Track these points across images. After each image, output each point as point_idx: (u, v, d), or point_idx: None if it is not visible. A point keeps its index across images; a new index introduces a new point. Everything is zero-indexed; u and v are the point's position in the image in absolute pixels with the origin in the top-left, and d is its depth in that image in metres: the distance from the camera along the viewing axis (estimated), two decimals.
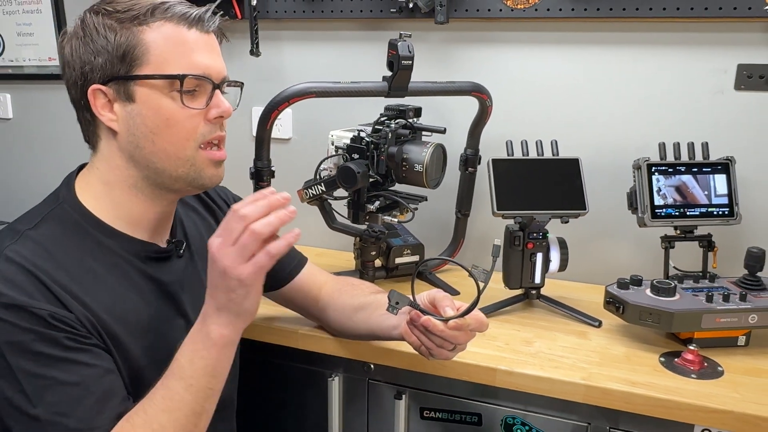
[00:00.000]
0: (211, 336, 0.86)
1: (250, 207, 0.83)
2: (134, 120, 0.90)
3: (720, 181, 1.35)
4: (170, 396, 0.85)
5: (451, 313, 0.95)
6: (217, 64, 0.93)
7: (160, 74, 0.88)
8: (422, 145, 1.35)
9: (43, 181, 2.10)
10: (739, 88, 1.42)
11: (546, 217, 1.32)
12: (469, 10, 1.53)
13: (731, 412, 1.03)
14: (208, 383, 0.87)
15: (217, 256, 0.83)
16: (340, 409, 1.30)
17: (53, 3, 2.00)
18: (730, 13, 1.35)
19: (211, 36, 0.94)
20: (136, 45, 0.87)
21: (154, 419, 0.84)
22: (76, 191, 0.94)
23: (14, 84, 2.15)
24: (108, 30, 0.88)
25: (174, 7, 0.90)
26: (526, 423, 1.19)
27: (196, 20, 0.91)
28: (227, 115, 0.94)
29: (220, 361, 0.87)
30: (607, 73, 1.51)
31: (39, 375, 0.80)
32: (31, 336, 0.80)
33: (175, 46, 0.89)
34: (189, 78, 0.89)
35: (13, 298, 0.80)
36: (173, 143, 0.91)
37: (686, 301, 1.21)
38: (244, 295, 0.84)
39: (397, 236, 1.57)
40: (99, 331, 0.87)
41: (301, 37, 1.75)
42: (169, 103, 0.89)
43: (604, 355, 1.21)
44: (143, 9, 0.88)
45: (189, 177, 0.93)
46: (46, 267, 0.84)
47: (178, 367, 0.87)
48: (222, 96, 0.94)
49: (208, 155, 0.94)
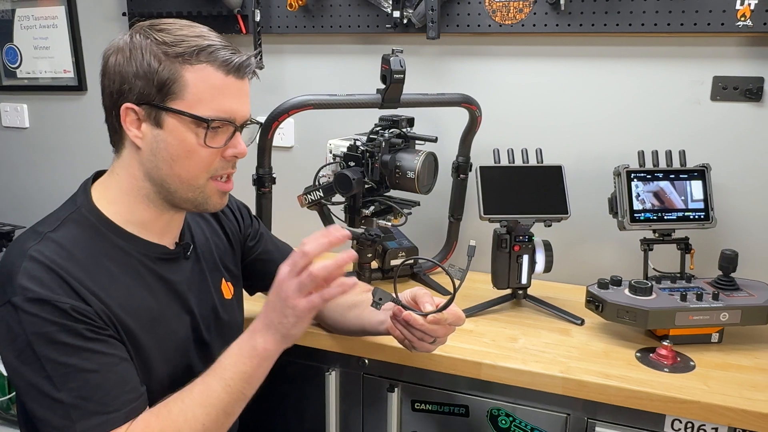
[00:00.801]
0: (256, 347, 0.96)
1: (313, 244, 0.94)
2: (158, 144, 0.97)
3: (696, 187, 1.42)
4: (208, 393, 0.94)
5: (430, 309, 1.03)
6: (243, 109, 1.00)
7: (190, 113, 0.95)
8: (414, 153, 1.43)
9: (58, 187, 2.21)
10: (714, 98, 1.49)
11: (530, 220, 1.39)
12: (460, 26, 1.61)
13: (698, 402, 1.10)
14: (243, 388, 0.96)
15: (282, 285, 0.95)
16: (336, 401, 1.37)
17: (68, 18, 2.09)
18: (704, 29, 1.42)
19: (245, 81, 1.00)
20: (176, 80, 0.94)
21: (189, 410, 0.93)
22: (92, 196, 1.02)
23: (31, 95, 2.25)
24: (153, 58, 0.94)
25: (218, 52, 0.96)
26: (510, 414, 1.26)
27: (235, 68, 0.97)
28: (242, 156, 1.02)
29: (258, 371, 0.97)
30: (590, 84, 1.59)
31: (62, 363, 0.88)
32: (55, 327, 0.88)
33: (210, 90, 0.96)
34: (215, 121, 0.96)
35: (39, 293, 0.89)
36: (189, 172, 0.99)
37: (662, 299, 1.28)
38: (294, 323, 0.95)
39: (392, 239, 1.64)
40: (114, 324, 0.95)
41: (302, 50, 1.84)
42: (193, 138, 0.96)
43: (584, 351, 1.28)
44: (190, 48, 0.94)
45: (196, 201, 1.02)
46: (67, 265, 0.93)
47: (220, 368, 0.96)
48: (241, 138, 1.01)
49: (217, 186, 1.02)
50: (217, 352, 1.13)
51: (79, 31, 2.10)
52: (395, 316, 1.06)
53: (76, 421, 0.88)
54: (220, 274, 1.19)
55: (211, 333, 1.14)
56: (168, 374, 1.04)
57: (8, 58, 2.23)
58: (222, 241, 1.21)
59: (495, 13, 1.58)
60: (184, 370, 1.07)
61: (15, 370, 0.90)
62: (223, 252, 1.21)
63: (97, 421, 0.89)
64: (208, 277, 1.15)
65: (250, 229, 1.28)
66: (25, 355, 0.88)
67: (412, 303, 1.07)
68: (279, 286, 0.96)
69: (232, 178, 1.05)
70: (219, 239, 1.21)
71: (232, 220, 1.25)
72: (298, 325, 0.96)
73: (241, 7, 1.78)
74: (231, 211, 1.26)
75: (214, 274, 1.17)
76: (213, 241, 1.19)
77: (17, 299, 0.88)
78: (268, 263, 1.29)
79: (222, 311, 1.16)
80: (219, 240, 1.21)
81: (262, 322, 0.97)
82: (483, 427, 1.28)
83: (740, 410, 1.08)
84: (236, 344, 0.98)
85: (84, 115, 2.15)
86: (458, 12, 1.60)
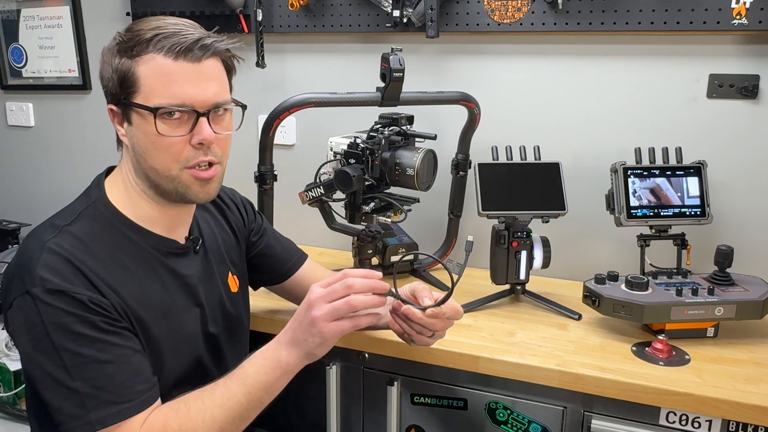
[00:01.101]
0: (280, 360, 0.98)
1: (358, 281, 0.96)
2: (132, 139, 1.00)
3: (692, 183, 1.44)
4: (229, 396, 0.96)
5: (428, 303, 1.06)
6: (203, 93, 0.97)
7: (144, 105, 0.96)
8: (414, 151, 1.45)
9: (63, 185, 2.24)
10: (710, 96, 1.51)
11: (528, 217, 1.41)
12: (459, 25, 1.63)
13: (692, 395, 1.12)
14: (261, 397, 0.98)
15: (314, 306, 0.96)
16: (337, 395, 1.39)
17: (73, 18, 2.12)
18: (700, 27, 1.44)
19: (204, 64, 0.97)
20: (130, 75, 0.96)
21: (208, 410, 0.95)
22: (106, 192, 1.05)
23: (36, 94, 2.27)
24: (114, 57, 0.97)
25: (165, 39, 0.95)
26: (508, 407, 1.28)
27: (183, 52, 0.95)
28: (207, 142, 0.98)
29: (279, 382, 0.99)
30: (587, 82, 1.61)
31: (78, 353, 0.91)
32: (72, 318, 0.91)
33: (160, 78, 0.95)
34: (164, 109, 0.95)
35: (58, 284, 0.91)
36: (160, 164, 1.00)
37: (657, 294, 1.30)
38: (319, 343, 0.97)
39: (392, 236, 1.66)
40: (128, 316, 0.98)
41: (304, 49, 1.86)
42: (152, 129, 0.96)
43: (580, 345, 1.30)
44: (140, 41, 0.95)
45: (177, 192, 1.02)
46: (84, 258, 0.95)
47: (243, 374, 0.98)
48: (206, 124, 0.98)
49: (193, 174, 1.00)
50: (225, 345, 1.16)
51: (84, 30, 2.12)
52: (395, 310, 1.08)
53: (90, 410, 0.90)
54: (227, 268, 1.21)
55: (219, 326, 1.16)
56: (178, 366, 1.06)
57: (14, 58, 2.25)
58: (228, 235, 1.24)
59: (494, 12, 1.60)
60: (193, 363, 1.10)
61: (32, 359, 0.93)
62: (230, 246, 1.23)
63: (110, 411, 0.91)
64: (216, 270, 1.18)
65: (253, 224, 1.31)
66: (42, 345, 0.91)
67: (411, 297, 1.09)
68: (311, 306, 0.96)
69: (215, 167, 1.02)
70: (225, 234, 1.23)
71: (237, 215, 1.27)
72: (323, 347, 0.98)
73: (243, 6, 1.80)
74: (236, 206, 1.28)
75: (221, 268, 1.19)
76: (220, 236, 1.22)
77: (36, 290, 0.91)
78: (271, 258, 1.31)
79: (229, 304, 1.19)
80: (225, 234, 1.23)
81: (289, 337, 0.99)
82: (481, 420, 1.30)
83: (733, 402, 1.10)
84: (261, 353, 1.00)
85: (88, 114, 2.17)
86: (457, 11, 1.62)
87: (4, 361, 1.75)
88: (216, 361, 1.14)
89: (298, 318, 0.98)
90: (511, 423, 1.28)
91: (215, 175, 1.03)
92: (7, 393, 1.75)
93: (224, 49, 1.00)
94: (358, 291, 0.96)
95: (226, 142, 1.04)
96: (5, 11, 2.21)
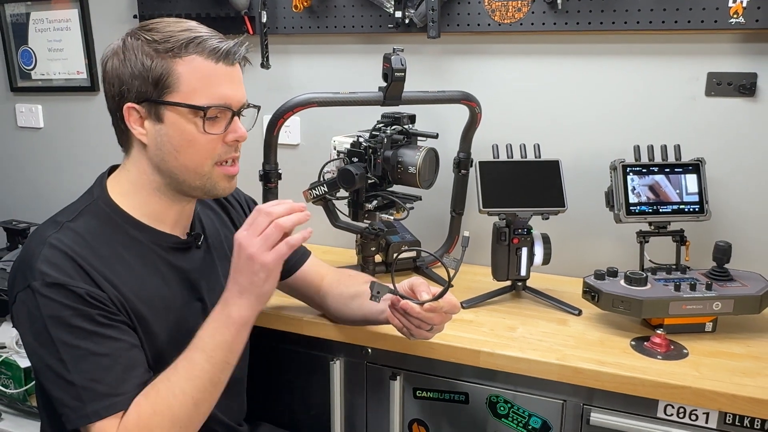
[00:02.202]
0: (232, 316, 1.00)
1: (276, 206, 0.99)
2: (162, 138, 1.02)
3: (691, 180, 1.45)
4: (191, 366, 0.98)
5: (426, 297, 1.08)
6: (237, 94, 1.04)
7: (186, 103, 1.00)
8: (416, 149, 1.47)
9: (71, 185, 2.26)
10: (709, 94, 1.53)
11: (528, 214, 1.43)
12: (460, 25, 1.65)
13: (689, 387, 1.14)
14: (225, 357, 1.00)
15: (244, 244, 0.99)
16: (341, 389, 1.41)
17: (81, 21, 2.15)
18: (698, 26, 1.46)
19: (236, 67, 1.04)
20: (169, 74, 0.99)
21: (176, 385, 0.97)
22: (107, 189, 1.07)
23: (45, 96, 2.30)
24: (145, 57, 0.99)
25: (206, 42, 1.00)
26: (509, 401, 1.30)
27: (224, 55, 1.01)
28: (242, 139, 1.06)
29: (238, 338, 1.01)
30: (587, 81, 1.63)
31: (75, 346, 0.93)
32: (70, 311, 0.93)
33: (203, 79, 1.00)
34: (211, 108, 1.01)
35: (56, 277, 0.94)
36: (193, 161, 1.03)
37: (656, 290, 1.32)
38: (265, 278, 0.99)
39: (395, 234, 1.69)
40: (127, 310, 1.00)
41: (307, 50, 1.88)
42: (193, 127, 1.01)
43: (580, 339, 1.32)
44: (179, 42, 0.99)
45: (205, 188, 1.07)
46: (84, 253, 0.98)
47: (200, 341, 1.00)
48: (239, 122, 1.05)
49: (223, 171, 1.07)
50: None
51: (92, 33, 2.16)
52: (393, 305, 1.10)
53: (86, 403, 0.93)
54: (229, 264, 1.23)
55: None
56: None
57: (23, 60, 2.29)
58: (231, 232, 1.25)
59: (494, 13, 1.62)
60: None
61: (33, 351, 0.96)
62: (232, 242, 1.25)
63: (106, 403, 0.93)
64: (218, 266, 1.20)
65: None
66: (42, 337, 0.94)
67: (410, 292, 1.11)
68: (241, 248, 0.99)
69: (237, 162, 1.09)
70: (228, 230, 1.26)
71: (241, 213, 1.30)
72: (269, 281, 1.00)
73: (248, 8, 1.82)
74: (239, 204, 1.31)
75: (223, 264, 1.21)
76: (222, 232, 1.24)
77: (36, 284, 0.94)
78: None
79: None
80: (228, 231, 1.25)
81: (233, 291, 1.00)
82: (482, 413, 1.32)
83: (730, 395, 1.11)
84: (211, 317, 1.02)
85: (96, 115, 2.20)
86: (458, 12, 1.64)
87: (15, 358, 1.78)
88: None
89: (236, 267, 1.00)
90: (512, 416, 1.30)
91: (238, 171, 1.10)
92: (17, 390, 1.78)
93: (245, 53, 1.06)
94: (281, 214, 0.98)
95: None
96: (15, 14, 2.25)
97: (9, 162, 2.44)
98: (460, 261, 1.07)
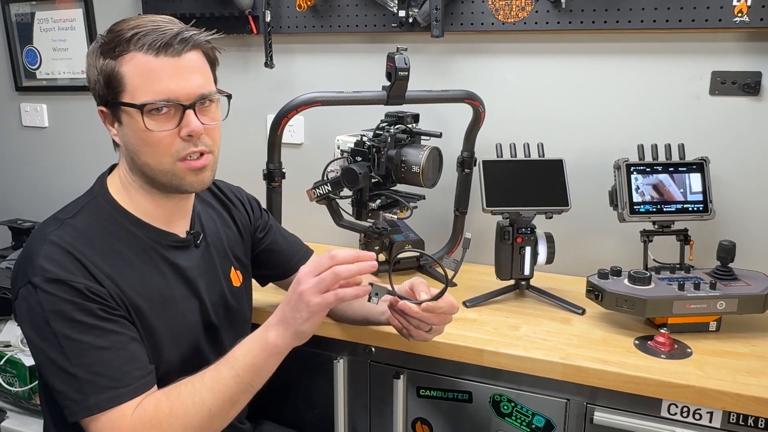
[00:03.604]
0: (268, 341, 1.00)
1: (342, 252, 0.98)
2: (124, 138, 1.03)
3: (695, 179, 1.45)
4: (218, 379, 0.98)
5: (424, 297, 1.08)
6: (186, 86, 0.99)
7: (130, 103, 0.99)
8: (419, 148, 1.47)
9: (76, 184, 2.25)
10: (713, 93, 1.52)
11: (531, 213, 1.43)
12: (464, 24, 1.65)
13: (693, 386, 1.14)
14: (251, 379, 1.00)
15: (300, 281, 0.99)
16: (345, 388, 1.42)
17: (86, 20, 2.16)
18: (702, 25, 1.45)
19: (184, 57, 0.99)
20: (115, 75, 0.98)
21: (198, 393, 0.97)
22: (108, 187, 1.08)
23: (50, 95, 2.32)
24: (98, 59, 1.00)
25: (145, 36, 0.97)
26: (512, 400, 1.30)
27: (164, 47, 0.97)
28: (195, 134, 1.01)
29: (268, 363, 1.01)
30: (591, 80, 1.62)
31: (76, 339, 0.94)
32: (71, 306, 0.94)
33: (143, 75, 0.98)
34: (150, 105, 0.98)
35: (57, 273, 0.95)
36: (152, 158, 1.02)
37: (660, 289, 1.32)
38: (306, 318, 0.98)
39: (399, 233, 1.69)
40: (126, 305, 1.01)
41: (311, 50, 1.88)
42: (142, 125, 0.99)
43: (583, 338, 1.31)
44: (121, 41, 0.98)
45: (173, 184, 1.05)
46: (83, 249, 0.99)
47: (232, 357, 1.00)
48: (193, 116, 1.00)
49: (186, 165, 1.03)
50: (225, 336, 1.18)
51: (96, 32, 2.15)
52: (392, 306, 1.11)
53: (89, 395, 0.94)
54: (230, 263, 1.24)
55: (220, 318, 1.19)
56: (177, 354, 1.09)
57: (28, 60, 2.30)
58: (233, 231, 1.27)
59: (498, 12, 1.62)
60: (192, 352, 1.12)
61: (35, 345, 0.97)
62: (233, 242, 1.26)
63: (108, 395, 0.94)
64: (218, 265, 1.20)
65: (259, 221, 1.33)
66: (44, 332, 0.95)
67: (410, 293, 1.11)
68: (298, 282, 0.99)
69: (206, 156, 1.04)
70: (229, 230, 1.26)
71: (243, 213, 1.30)
72: (310, 321, 0.99)
73: (252, 8, 1.83)
74: (241, 204, 1.31)
75: (223, 263, 1.22)
76: (223, 232, 1.24)
77: (37, 279, 0.95)
78: (277, 254, 1.34)
79: (230, 298, 1.22)
80: (230, 231, 1.26)
81: (276, 317, 1.01)
82: (486, 412, 1.32)
83: (734, 394, 1.11)
84: (250, 337, 1.02)
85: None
86: (462, 11, 1.64)
87: (20, 356, 1.79)
88: (216, 352, 1.16)
89: (287, 298, 1.01)
90: (516, 415, 1.30)
91: (207, 164, 1.06)
92: (22, 388, 1.79)
93: (204, 40, 1.02)
94: (343, 262, 0.97)
95: (215, 131, 1.06)
96: (20, 14, 2.26)
97: (14, 161, 2.46)
98: (460, 263, 1.07)
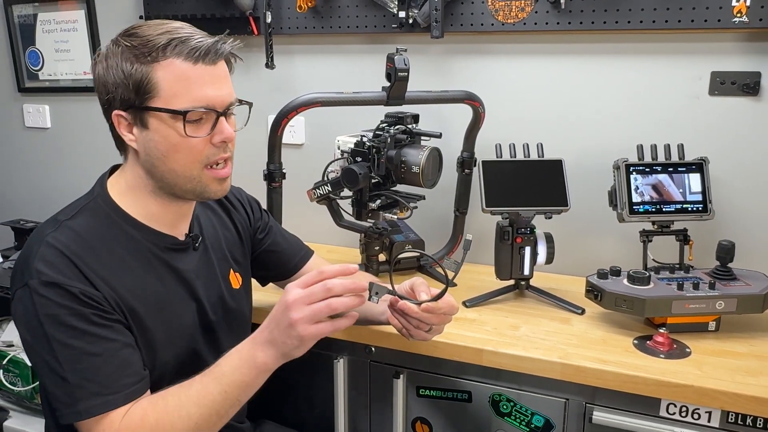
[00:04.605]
0: (256, 360, 0.98)
1: (338, 283, 0.94)
2: (149, 144, 1.02)
3: (694, 179, 1.45)
4: (205, 394, 0.97)
5: (424, 298, 1.08)
6: (221, 94, 1.01)
7: (166, 108, 0.98)
8: (419, 149, 1.48)
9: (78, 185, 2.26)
10: (713, 93, 1.53)
11: (530, 213, 1.43)
12: (464, 25, 1.66)
13: (691, 386, 1.14)
14: (238, 395, 0.99)
15: (291, 307, 0.94)
16: (345, 388, 1.42)
17: (88, 21, 2.17)
18: (702, 25, 1.46)
19: (218, 66, 1.01)
20: (148, 80, 0.97)
21: (184, 407, 0.96)
22: (108, 189, 1.08)
23: (52, 96, 2.32)
24: (125, 63, 0.99)
25: (184, 43, 0.98)
26: (512, 399, 1.30)
27: (203, 55, 0.98)
28: (229, 140, 1.04)
29: (255, 381, 1.00)
30: (591, 81, 1.63)
31: (68, 344, 0.94)
32: (65, 310, 0.94)
33: (181, 82, 0.98)
34: (192, 111, 0.99)
35: (52, 276, 0.95)
36: (181, 165, 1.02)
37: (659, 288, 1.32)
38: (297, 346, 0.97)
39: (399, 233, 1.69)
40: (122, 309, 1.01)
41: (312, 50, 1.89)
42: (176, 132, 0.99)
43: (582, 338, 1.32)
44: (156, 46, 0.97)
45: (196, 191, 1.06)
46: (80, 252, 0.99)
47: (219, 372, 0.99)
48: (225, 122, 1.02)
49: (212, 174, 1.05)
50: (223, 338, 1.18)
51: (98, 34, 2.17)
52: (392, 305, 1.11)
53: (79, 400, 0.94)
54: (229, 265, 1.24)
55: (218, 320, 1.19)
56: (173, 357, 1.09)
57: (31, 61, 2.31)
58: (231, 233, 1.27)
59: (497, 13, 1.62)
60: (189, 354, 1.12)
61: (30, 347, 0.97)
62: (232, 244, 1.26)
63: (97, 402, 0.94)
64: (216, 267, 1.20)
65: (259, 222, 1.33)
66: (38, 335, 0.95)
67: (410, 292, 1.12)
68: (288, 308, 0.94)
69: (229, 163, 1.07)
70: (228, 232, 1.26)
71: (242, 214, 1.30)
72: (300, 349, 0.97)
73: (252, 9, 1.84)
74: (241, 205, 1.31)
75: (222, 265, 1.22)
76: (222, 234, 1.24)
77: (33, 282, 0.95)
78: (277, 254, 1.35)
79: (229, 299, 1.22)
80: (228, 232, 1.26)
81: (265, 338, 0.97)
82: (485, 411, 1.32)
83: (732, 394, 1.12)
84: (237, 351, 1.00)
85: (102, 117, 2.20)
86: (462, 12, 1.65)
87: (22, 356, 1.79)
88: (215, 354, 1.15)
89: (275, 318, 0.96)
90: (515, 415, 1.30)
91: (230, 173, 1.08)
92: (24, 387, 1.79)
93: (230, 50, 1.04)
94: (338, 293, 0.95)
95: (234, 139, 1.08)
96: (22, 15, 2.27)
97: (16, 162, 2.47)
98: (461, 264, 1.08)
